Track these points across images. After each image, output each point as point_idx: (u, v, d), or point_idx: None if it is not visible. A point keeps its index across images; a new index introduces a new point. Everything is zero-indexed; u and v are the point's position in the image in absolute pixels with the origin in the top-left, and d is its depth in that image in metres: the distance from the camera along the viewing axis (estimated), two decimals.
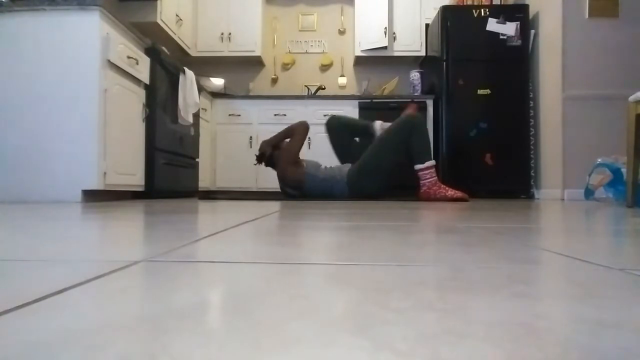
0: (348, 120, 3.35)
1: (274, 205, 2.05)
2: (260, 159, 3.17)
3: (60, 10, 2.41)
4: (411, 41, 4.79)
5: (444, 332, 0.28)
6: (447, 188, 2.94)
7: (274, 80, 5.23)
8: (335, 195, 3.03)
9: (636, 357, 0.25)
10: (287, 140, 3.16)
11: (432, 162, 2.95)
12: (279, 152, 3.14)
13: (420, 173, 2.94)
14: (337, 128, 3.27)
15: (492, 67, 4.06)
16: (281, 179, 3.12)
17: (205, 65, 5.01)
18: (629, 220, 1.36)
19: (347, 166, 3.09)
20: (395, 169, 3.04)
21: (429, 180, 2.93)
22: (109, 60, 2.48)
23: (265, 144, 3.17)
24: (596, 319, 0.32)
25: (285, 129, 3.21)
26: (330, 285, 0.42)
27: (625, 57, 3.61)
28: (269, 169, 3.37)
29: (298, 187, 3.06)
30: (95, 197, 2.51)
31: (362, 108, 4.44)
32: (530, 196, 4.04)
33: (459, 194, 2.89)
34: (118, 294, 0.38)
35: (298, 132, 3.11)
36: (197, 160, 3.99)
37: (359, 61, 5.08)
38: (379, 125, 3.16)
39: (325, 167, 3.14)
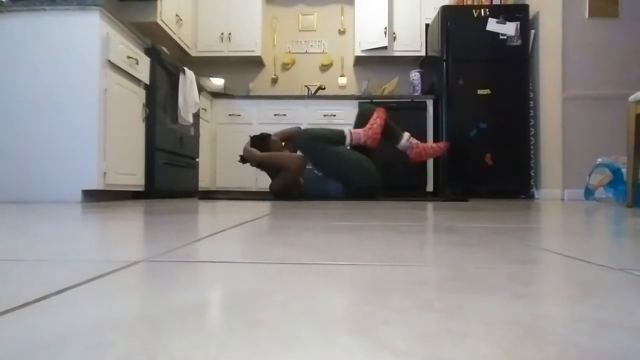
0: (319, 131, 3.12)
1: (274, 206, 2.05)
2: (243, 161, 3.17)
3: (60, 10, 2.40)
4: (411, 41, 4.78)
5: (444, 332, 0.28)
6: (427, 146, 3.32)
7: (274, 80, 5.23)
8: (331, 195, 3.03)
9: (636, 357, 0.25)
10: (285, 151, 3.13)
11: (406, 136, 3.26)
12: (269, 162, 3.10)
13: (402, 148, 3.29)
14: (310, 141, 3.04)
15: (492, 67, 4.06)
16: (274, 192, 3.12)
17: (205, 65, 5.01)
18: (629, 220, 1.36)
19: None
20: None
21: (415, 149, 3.27)
22: (109, 60, 2.48)
23: (251, 157, 3.08)
24: (596, 319, 0.32)
25: (278, 156, 3.06)
26: (330, 285, 0.42)
27: (625, 57, 3.61)
28: None
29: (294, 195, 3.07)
30: (95, 197, 2.51)
31: None
32: (530, 196, 4.04)
33: (440, 145, 3.37)
34: (118, 294, 0.38)
35: (291, 169, 2.99)
36: (197, 160, 3.99)
37: (359, 61, 5.08)
38: (347, 132, 3.09)
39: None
